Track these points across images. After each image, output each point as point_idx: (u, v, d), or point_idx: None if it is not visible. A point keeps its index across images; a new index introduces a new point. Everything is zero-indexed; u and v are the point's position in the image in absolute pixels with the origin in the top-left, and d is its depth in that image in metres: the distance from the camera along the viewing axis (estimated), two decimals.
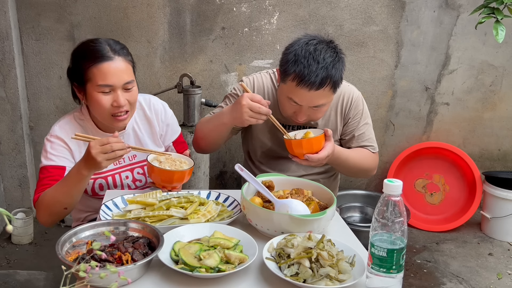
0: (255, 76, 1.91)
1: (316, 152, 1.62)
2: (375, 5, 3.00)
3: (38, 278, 2.38)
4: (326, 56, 1.62)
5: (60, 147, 1.63)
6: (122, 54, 1.60)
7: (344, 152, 1.78)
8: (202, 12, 2.92)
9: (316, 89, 1.61)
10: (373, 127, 1.96)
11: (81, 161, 1.46)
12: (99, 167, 1.42)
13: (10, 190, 3.02)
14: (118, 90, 1.57)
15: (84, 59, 1.57)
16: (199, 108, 2.84)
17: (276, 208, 1.40)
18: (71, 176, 1.49)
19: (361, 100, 1.90)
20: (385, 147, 3.33)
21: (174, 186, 1.59)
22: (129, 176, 1.75)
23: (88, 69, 1.55)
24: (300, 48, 1.64)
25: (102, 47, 1.57)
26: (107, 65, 1.55)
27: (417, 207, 3.30)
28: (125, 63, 1.60)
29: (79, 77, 1.59)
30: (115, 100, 1.57)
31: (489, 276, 2.67)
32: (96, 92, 1.56)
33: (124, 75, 1.58)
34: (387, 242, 1.04)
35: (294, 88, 1.63)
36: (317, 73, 1.59)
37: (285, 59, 1.67)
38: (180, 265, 1.15)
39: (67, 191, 1.50)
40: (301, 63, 1.60)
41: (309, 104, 1.66)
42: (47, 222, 1.58)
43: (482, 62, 3.20)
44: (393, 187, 1.04)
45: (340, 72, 1.66)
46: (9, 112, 2.88)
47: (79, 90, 1.63)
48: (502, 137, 3.40)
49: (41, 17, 2.84)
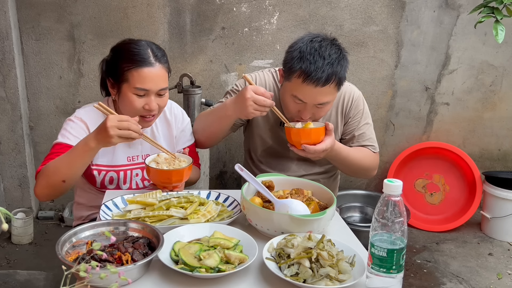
0: (257, 73, 1.91)
1: (314, 143, 1.62)
2: (375, 5, 3.00)
3: (38, 278, 2.38)
4: (332, 53, 1.62)
5: (80, 129, 1.64)
6: (163, 61, 1.65)
7: (344, 149, 1.77)
8: (202, 12, 2.92)
9: (322, 85, 1.61)
10: (373, 127, 1.96)
11: (92, 133, 1.47)
12: (109, 141, 1.42)
13: (10, 190, 3.02)
14: (152, 95, 1.62)
15: (125, 60, 1.60)
16: (199, 108, 2.84)
17: (276, 208, 1.40)
18: (78, 147, 1.49)
19: (362, 100, 1.90)
20: (385, 147, 3.33)
21: (175, 186, 1.59)
22: (139, 174, 1.76)
23: (128, 71, 1.59)
24: (305, 45, 1.64)
25: (144, 51, 1.62)
26: (148, 70, 1.59)
27: (417, 207, 3.30)
28: (164, 70, 1.65)
29: (117, 75, 1.63)
30: (147, 103, 1.62)
31: (489, 276, 2.67)
32: (131, 94, 1.61)
33: (161, 81, 1.63)
34: (387, 242, 1.04)
35: (300, 85, 1.63)
36: (323, 69, 1.59)
37: (290, 56, 1.67)
38: (180, 265, 1.15)
39: (69, 162, 1.50)
40: (307, 60, 1.60)
41: (314, 102, 1.66)
42: (42, 194, 1.56)
43: (482, 62, 3.20)
44: (393, 187, 1.04)
45: (344, 69, 1.67)
46: (9, 112, 2.88)
47: (112, 86, 1.67)
48: (502, 137, 3.40)
49: (41, 17, 2.84)
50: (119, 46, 1.68)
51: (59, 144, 1.61)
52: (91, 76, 2.96)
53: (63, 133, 1.64)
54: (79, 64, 2.93)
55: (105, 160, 1.70)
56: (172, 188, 1.58)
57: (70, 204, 3.06)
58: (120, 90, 1.64)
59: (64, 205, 3.13)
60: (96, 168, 1.69)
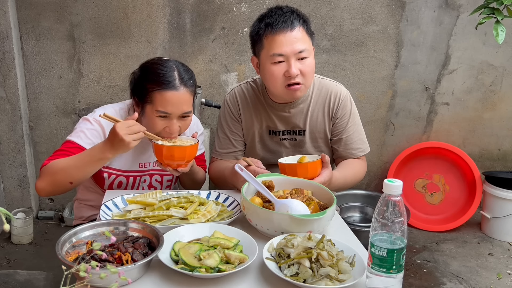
0: (235, 90, 1.89)
1: (311, 178, 1.58)
2: (375, 5, 3.00)
3: (38, 278, 2.38)
4: (286, 7, 1.70)
5: (96, 133, 1.63)
6: (189, 84, 1.60)
7: (340, 179, 1.74)
8: (202, 12, 2.92)
9: (291, 29, 1.64)
10: (373, 127, 1.95)
11: (106, 144, 1.46)
12: (128, 148, 1.44)
13: (10, 190, 3.02)
14: (174, 119, 1.59)
15: (150, 82, 1.58)
16: (199, 108, 2.84)
17: (276, 208, 1.40)
18: (92, 155, 1.48)
19: (349, 100, 1.86)
20: (385, 147, 3.33)
21: (179, 164, 1.57)
22: (147, 180, 1.76)
23: (152, 92, 1.57)
24: (261, 15, 1.71)
25: (170, 74, 1.58)
26: (171, 94, 1.56)
27: (417, 207, 3.30)
28: (189, 94, 1.60)
29: (141, 95, 1.60)
30: (168, 126, 1.59)
31: (489, 276, 2.67)
32: (153, 116, 1.58)
33: (185, 106, 1.59)
34: (387, 242, 1.04)
35: (272, 41, 1.64)
36: (285, 15, 1.65)
37: (253, 32, 1.72)
38: (180, 265, 1.14)
39: (81, 167, 1.49)
40: (268, 17, 1.67)
41: (293, 51, 1.64)
42: (44, 190, 1.54)
43: (482, 62, 3.20)
44: (393, 187, 1.04)
45: (306, 18, 1.71)
46: (9, 112, 2.88)
47: (137, 104, 1.64)
48: (502, 137, 3.40)
49: (41, 17, 2.84)
50: (147, 64, 1.64)
51: (71, 143, 1.59)
52: (91, 76, 2.96)
53: (78, 133, 1.61)
54: (79, 64, 2.93)
55: (118, 164, 1.69)
56: (176, 166, 1.57)
57: (70, 204, 3.06)
58: (143, 109, 1.61)
59: (64, 205, 3.13)
60: (107, 171, 1.68)
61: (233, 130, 1.87)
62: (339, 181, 1.73)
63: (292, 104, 1.80)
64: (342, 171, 1.81)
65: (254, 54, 1.77)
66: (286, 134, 1.85)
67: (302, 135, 1.85)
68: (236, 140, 1.88)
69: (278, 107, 1.81)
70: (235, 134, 1.88)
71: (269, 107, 1.83)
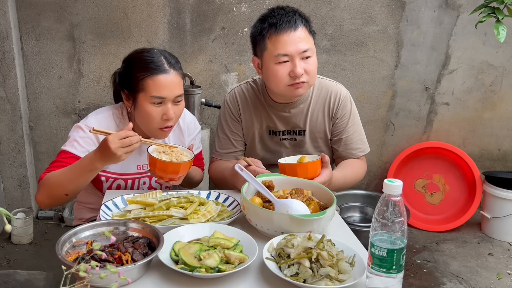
0: (235, 90, 1.89)
1: (311, 178, 1.58)
2: (375, 5, 3.00)
3: (38, 278, 2.38)
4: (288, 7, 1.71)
5: (90, 140, 1.62)
6: (177, 67, 1.62)
7: (340, 179, 1.74)
8: (202, 12, 2.92)
9: (295, 29, 1.64)
10: (373, 127, 1.95)
11: (96, 154, 1.45)
12: (118, 160, 1.44)
13: (10, 190, 3.02)
14: (169, 103, 1.59)
15: (139, 69, 1.58)
16: (199, 108, 2.84)
17: (276, 208, 1.40)
18: (83, 166, 1.48)
19: (349, 100, 1.86)
20: (385, 147, 3.33)
21: (172, 178, 1.57)
22: (147, 182, 1.76)
23: (143, 79, 1.57)
24: (262, 15, 1.71)
25: (158, 59, 1.59)
26: (163, 77, 1.57)
27: (417, 207, 3.30)
28: (179, 77, 1.63)
29: (131, 85, 1.60)
30: (165, 113, 1.59)
31: (489, 276, 2.67)
32: (147, 103, 1.58)
33: (177, 88, 1.60)
34: (387, 242, 1.04)
35: (276, 41, 1.64)
36: (288, 15, 1.66)
37: (255, 33, 1.72)
38: (180, 265, 1.14)
39: (73, 179, 1.49)
40: (270, 18, 1.67)
41: (297, 51, 1.64)
42: (43, 202, 1.56)
43: (482, 62, 3.20)
44: (393, 187, 1.04)
45: (308, 18, 1.72)
46: (9, 112, 2.88)
47: (127, 98, 1.64)
48: (502, 137, 3.40)
49: (41, 17, 2.84)
50: (131, 56, 1.65)
51: (66, 153, 1.59)
52: (91, 76, 2.96)
53: (71, 142, 1.61)
54: (79, 64, 2.93)
55: (115, 168, 1.68)
56: (168, 179, 1.56)
57: (70, 204, 3.06)
58: (136, 101, 1.61)
59: (64, 205, 3.13)
60: (104, 175, 1.68)
61: (233, 130, 1.88)
62: (339, 181, 1.73)
63: (292, 104, 1.80)
64: (342, 171, 1.81)
65: (255, 55, 1.76)
66: (286, 134, 1.85)
67: (302, 135, 1.85)
68: (236, 140, 1.88)
69: (278, 107, 1.81)
70: (235, 134, 1.88)
71: (269, 107, 1.83)
